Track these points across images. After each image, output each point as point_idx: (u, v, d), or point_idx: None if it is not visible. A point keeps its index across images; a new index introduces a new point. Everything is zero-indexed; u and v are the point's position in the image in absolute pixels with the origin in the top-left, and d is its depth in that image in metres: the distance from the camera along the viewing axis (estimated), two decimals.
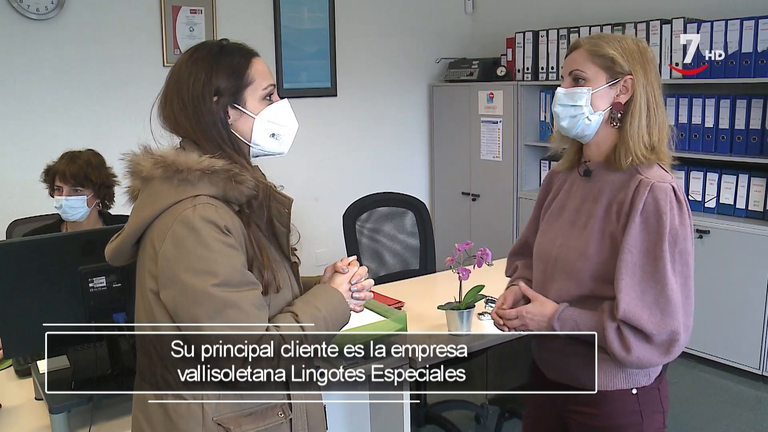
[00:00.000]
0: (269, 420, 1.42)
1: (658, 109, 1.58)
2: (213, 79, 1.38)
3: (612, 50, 1.56)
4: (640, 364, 1.53)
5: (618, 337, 1.52)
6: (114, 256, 1.47)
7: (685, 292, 1.51)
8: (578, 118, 1.59)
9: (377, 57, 5.06)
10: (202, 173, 1.33)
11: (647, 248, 1.51)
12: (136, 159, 1.39)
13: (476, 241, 2.38)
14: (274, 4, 4.50)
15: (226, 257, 1.31)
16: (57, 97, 3.83)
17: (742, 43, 3.60)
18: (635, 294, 1.51)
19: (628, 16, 4.20)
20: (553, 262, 1.69)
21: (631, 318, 1.50)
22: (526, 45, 4.70)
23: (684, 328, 1.51)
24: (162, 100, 1.43)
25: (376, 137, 5.14)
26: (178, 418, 1.36)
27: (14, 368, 2.06)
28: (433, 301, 2.47)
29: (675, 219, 1.50)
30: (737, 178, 3.75)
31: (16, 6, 3.63)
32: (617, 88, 1.57)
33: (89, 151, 2.56)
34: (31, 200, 2.65)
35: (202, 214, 1.31)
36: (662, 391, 1.65)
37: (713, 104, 3.82)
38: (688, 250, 1.52)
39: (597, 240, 1.59)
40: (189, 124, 1.39)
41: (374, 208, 3.31)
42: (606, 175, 1.62)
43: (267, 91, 1.44)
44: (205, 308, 1.29)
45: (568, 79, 1.62)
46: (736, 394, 3.63)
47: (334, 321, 1.45)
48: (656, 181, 1.52)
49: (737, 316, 3.69)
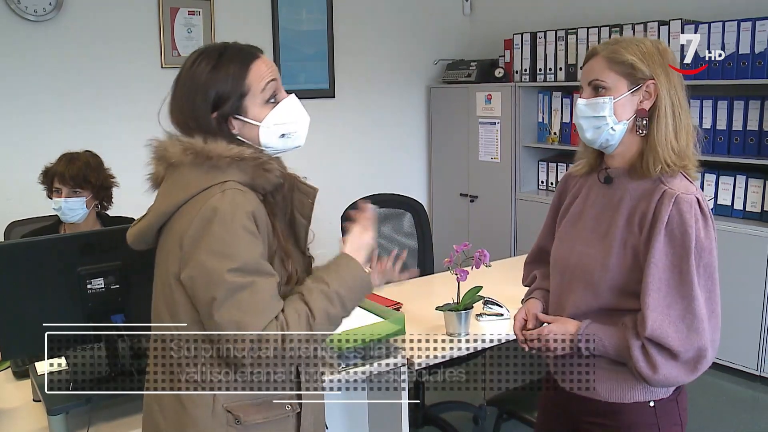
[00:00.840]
0: (277, 411, 1.43)
1: (683, 112, 1.53)
2: (210, 93, 1.37)
3: (631, 55, 1.50)
4: (666, 382, 1.50)
5: (643, 355, 1.47)
6: (136, 240, 1.47)
7: (710, 306, 1.47)
8: (602, 129, 1.54)
9: (375, 58, 5.06)
10: (231, 160, 1.34)
11: (673, 262, 1.46)
12: (163, 144, 1.40)
13: (475, 243, 2.38)
14: (272, 6, 4.51)
15: (247, 243, 1.32)
16: (55, 98, 3.82)
17: (739, 44, 3.61)
18: (662, 310, 1.46)
19: (627, 18, 4.21)
20: (571, 272, 1.64)
21: (659, 336, 1.45)
22: (524, 46, 4.70)
23: (711, 344, 1.46)
24: (169, 107, 1.43)
25: (374, 138, 5.14)
26: (190, 402, 1.38)
27: (12, 370, 2.06)
28: (432, 302, 2.47)
29: (701, 232, 1.46)
30: (735, 179, 3.76)
31: (14, 7, 3.63)
32: (640, 94, 1.52)
33: (87, 152, 2.56)
34: (30, 202, 2.64)
35: (230, 200, 1.32)
36: (681, 404, 1.60)
37: (711, 105, 3.82)
38: (713, 264, 1.48)
39: (618, 251, 1.54)
40: (197, 135, 1.38)
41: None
42: (628, 183, 1.57)
43: (268, 92, 1.42)
44: (219, 290, 1.30)
45: (588, 89, 1.56)
46: (734, 394, 3.64)
47: (349, 293, 1.40)
48: (681, 193, 1.47)
49: (735, 317, 3.68)
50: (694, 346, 1.45)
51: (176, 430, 1.40)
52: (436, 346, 2.26)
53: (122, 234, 1.74)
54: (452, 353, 2.28)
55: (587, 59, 1.58)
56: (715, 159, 3.77)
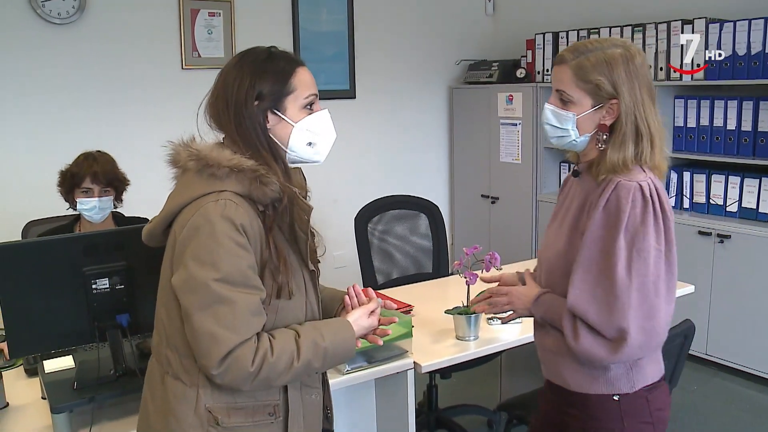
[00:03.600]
0: (258, 417, 1.45)
1: (649, 124, 1.55)
2: (256, 84, 1.43)
3: (597, 75, 1.53)
4: (588, 355, 1.52)
5: (571, 324, 1.53)
6: (148, 238, 1.52)
7: (642, 292, 1.47)
8: (565, 138, 1.62)
9: (396, 59, 5.05)
10: (230, 170, 1.38)
11: (603, 244, 1.50)
12: (176, 149, 1.46)
13: (495, 244, 2.36)
14: (292, 6, 4.52)
15: (232, 255, 1.34)
16: (77, 99, 3.89)
17: (766, 42, 3.52)
18: (587, 288, 1.51)
19: (649, 17, 4.14)
20: (544, 263, 1.72)
21: (578, 311, 1.51)
22: (546, 47, 4.65)
23: (638, 330, 1.46)
24: (210, 98, 1.49)
25: (395, 139, 5.13)
26: (174, 399, 1.42)
27: (24, 367, 2.09)
28: (444, 305, 2.46)
29: (636, 217, 1.48)
30: (760, 181, 3.66)
31: (40, 12, 3.70)
32: (603, 111, 1.56)
33: (100, 151, 2.59)
34: (49, 201, 2.68)
35: (221, 209, 1.35)
36: (653, 402, 1.60)
37: (735, 106, 3.73)
38: (648, 249, 1.47)
39: (568, 237, 1.61)
40: (230, 124, 1.45)
41: (386, 210, 3.30)
42: (587, 176, 1.63)
43: (308, 100, 1.49)
44: (198, 298, 1.34)
45: (555, 96, 1.62)
46: (757, 402, 3.55)
47: (333, 355, 1.47)
48: (623, 179, 1.52)
49: (759, 323, 3.60)
50: (614, 326, 1.47)
51: (161, 420, 1.44)
52: (444, 349, 2.25)
53: (128, 235, 1.77)
54: (461, 357, 2.26)
55: (556, 63, 1.61)
56: (740, 161, 3.69)
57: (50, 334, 1.74)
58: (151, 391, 1.50)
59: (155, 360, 1.50)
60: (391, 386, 2.25)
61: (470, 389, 3.49)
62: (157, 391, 1.47)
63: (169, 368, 1.44)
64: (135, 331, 1.79)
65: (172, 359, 1.43)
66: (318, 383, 1.58)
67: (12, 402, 1.89)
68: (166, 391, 1.44)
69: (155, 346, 1.50)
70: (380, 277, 3.21)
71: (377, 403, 2.36)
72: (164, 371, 1.45)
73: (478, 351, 2.28)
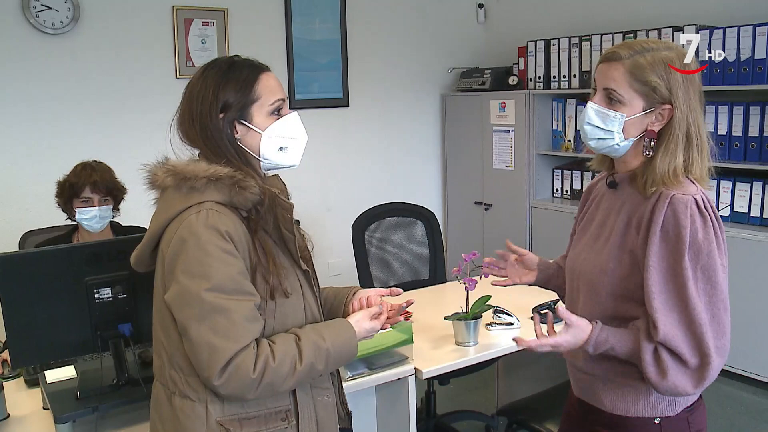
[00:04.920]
0: (271, 424, 1.44)
1: (700, 134, 1.46)
2: (220, 96, 1.43)
3: (655, 77, 1.43)
4: (673, 390, 1.43)
5: (654, 359, 1.42)
6: (136, 263, 1.52)
7: (711, 311, 1.41)
8: (607, 141, 1.51)
9: (389, 67, 5.08)
10: (208, 180, 1.38)
11: (669, 265, 1.41)
12: (153, 170, 1.45)
13: (489, 251, 2.37)
14: (285, 15, 4.54)
15: (222, 263, 1.34)
16: (72, 108, 3.89)
17: (755, 49, 3.56)
18: (670, 315, 1.41)
19: (640, 24, 4.18)
20: (578, 278, 1.62)
21: (670, 340, 1.40)
22: (538, 54, 4.69)
23: (716, 351, 1.39)
24: (178, 114, 1.49)
25: (388, 147, 5.15)
26: (185, 417, 1.41)
27: (24, 378, 2.09)
28: (442, 311, 2.47)
29: (698, 233, 1.39)
30: (751, 185, 3.70)
31: (34, 22, 3.71)
32: (653, 115, 1.47)
33: (96, 161, 2.59)
34: (45, 211, 2.67)
35: (204, 219, 1.35)
36: (694, 424, 1.54)
37: (726, 111, 3.78)
38: (712, 266, 1.40)
39: (616, 255, 1.50)
40: (199, 138, 1.45)
41: (383, 218, 3.32)
42: (630, 188, 1.53)
43: (275, 105, 1.48)
44: (193, 311, 1.33)
45: (601, 94, 1.50)
46: (752, 405, 3.57)
47: (335, 356, 1.46)
48: (677, 193, 1.42)
49: (753, 326, 3.63)
50: (697, 352, 1.40)
51: None
52: (444, 355, 2.26)
53: (129, 244, 1.77)
54: (462, 362, 2.27)
55: (607, 59, 1.49)
56: (732, 166, 3.72)
57: (53, 344, 1.75)
58: (159, 414, 1.48)
59: (159, 383, 1.49)
60: (391, 392, 2.26)
61: (467, 395, 3.50)
62: (166, 412, 1.45)
63: (175, 389, 1.43)
64: (137, 341, 1.79)
65: (177, 379, 1.42)
66: (329, 384, 1.57)
67: (13, 413, 1.89)
68: (175, 411, 1.42)
69: (157, 369, 1.49)
70: (377, 285, 3.22)
71: (378, 409, 2.37)
72: (170, 392, 1.43)
73: (478, 356, 2.29)
